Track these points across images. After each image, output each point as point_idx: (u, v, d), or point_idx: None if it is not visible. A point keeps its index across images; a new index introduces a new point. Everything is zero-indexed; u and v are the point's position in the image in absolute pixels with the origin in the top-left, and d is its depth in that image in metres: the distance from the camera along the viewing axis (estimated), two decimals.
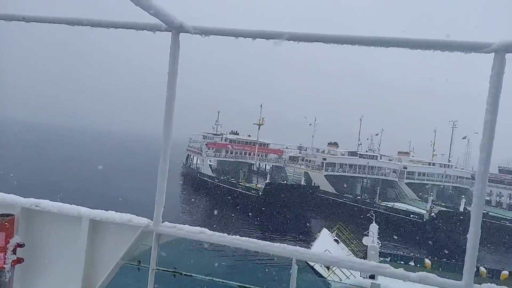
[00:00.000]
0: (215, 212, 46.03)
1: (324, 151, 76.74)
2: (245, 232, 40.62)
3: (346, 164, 65.55)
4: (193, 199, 57.36)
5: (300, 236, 40.97)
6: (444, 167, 72.87)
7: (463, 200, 54.19)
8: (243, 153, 72.38)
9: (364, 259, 23.44)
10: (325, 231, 28.44)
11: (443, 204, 62.90)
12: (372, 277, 20.01)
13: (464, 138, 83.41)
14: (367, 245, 26.75)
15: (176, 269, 2.78)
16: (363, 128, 78.59)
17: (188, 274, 2.80)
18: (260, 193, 53.65)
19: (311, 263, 21.96)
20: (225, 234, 2.62)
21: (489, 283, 2.24)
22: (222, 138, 75.93)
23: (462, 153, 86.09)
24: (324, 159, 64.96)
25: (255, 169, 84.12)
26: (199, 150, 77.48)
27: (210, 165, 69.80)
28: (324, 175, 62.71)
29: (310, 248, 23.96)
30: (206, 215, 47.03)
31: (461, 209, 50.50)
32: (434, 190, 71.50)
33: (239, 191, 56.10)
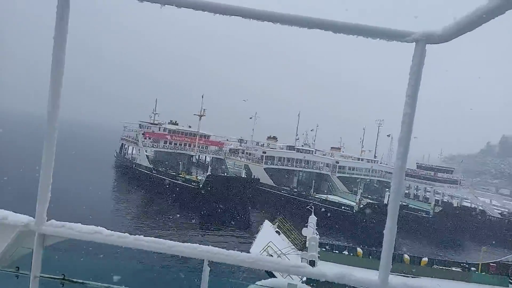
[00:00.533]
0: (153, 205, 44.57)
1: (263, 144, 78.35)
2: (185, 226, 40.06)
3: (284, 158, 67.75)
4: (128, 192, 54.78)
5: (241, 228, 41.59)
6: (371, 162, 79.18)
7: (387, 193, 59.45)
8: (183, 144, 70.77)
9: (302, 249, 24.57)
10: (267, 223, 29.23)
11: (369, 196, 68.30)
12: (311, 266, 21.14)
13: (389, 135, 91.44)
14: (307, 236, 28.27)
15: (65, 276, 2.40)
16: (301, 124, 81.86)
17: (79, 281, 2.42)
18: (201, 185, 53.10)
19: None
20: (126, 234, 2.29)
21: (403, 281, 2.18)
22: (160, 128, 73.35)
23: (387, 149, 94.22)
24: (264, 152, 66.38)
25: (194, 160, 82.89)
26: (135, 140, 73.92)
27: (147, 156, 67.07)
28: (264, 168, 64.12)
29: (254, 240, 24.51)
30: (142, 209, 45.24)
31: (386, 201, 55.44)
32: (362, 183, 77.38)
33: (179, 183, 54.89)
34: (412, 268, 27.08)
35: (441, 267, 28.01)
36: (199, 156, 79.70)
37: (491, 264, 28.23)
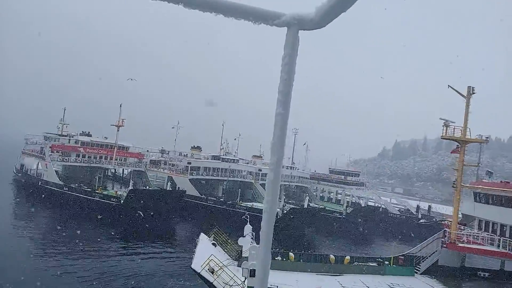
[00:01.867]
0: (66, 227, 40.19)
1: (187, 154, 77.11)
2: (106, 245, 37.33)
3: (209, 168, 67.69)
4: (32, 212, 48.65)
5: (172, 243, 40.39)
6: (290, 169, 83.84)
7: (306, 197, 63.77)
8: (98, 157, 65.63)
9: (238, 259, 25.12)
10: (203, 236, 29.06)
11: (290, 201, 72.11)
12: (252, 275, 21.78)
13: (304, 144, 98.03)
14: (243, 246, 28.90)
15: None
16: (225, 133, 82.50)
17: None
18: (122, 201, 49.99)
19: (197, 269, 22.28)
20: None
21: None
22: (70, 140, 67.02)
23: (302, 156, 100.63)
24: (189, 163, 65.42)
25: (110, 174, 77.43)
26: (40, 154, 66.17)
27: (56, 171, 60.54)
28: (189, 179, 63.14)
29: (193, 255, 24.20)
30: (51, 230, 40.50)
31: (305, 205, 59.38)
32: (282, 189, 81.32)
33: (96, 200, 50.80)
34: (337, 267, 29.71)
35: (360, 263, 31.18)
36: (115, 169, 74.78)
37: (399, 257, 32.37)
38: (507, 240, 26.04)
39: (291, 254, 29.76)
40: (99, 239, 37.70)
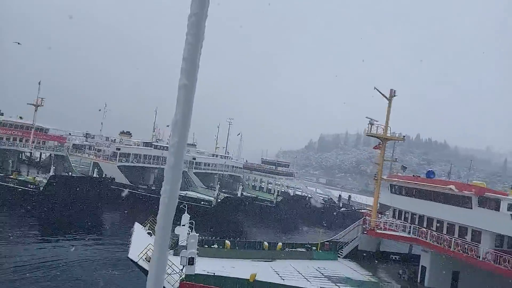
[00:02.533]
0: None
1: (115, 140, 72.91)
2: (23, 233, 34.21)
3: (141, 155, 64.98)
4: None
5: (99, 233, 38.31)
6: (224, 158, 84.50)
7: (240, 186, 65.12)
8: (11, 138, 58.70)
9: (174, 248, 25.06)
10: (137, 225, 28.18)
11: (224, 190, 72.91)
12: (191, 263, 21.94)
13: (238, 134, 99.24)
14: (179, 235, 28.75)
15: None
16: (158, 118, 79.46)
17: None
18: (41, 188, 45.71)
19: (134, 259, 21.72)
20: None
21: None
22: None
23: (237, 146, 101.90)
24: (118, 149, 61.98)
25: (25, 158, 69.96)
26: None
27: None
28: (118, 166, 59.96)
29: (129, 244, 23.45)
30: None
31: (239, 194, 60.66)
32: (216, 178, 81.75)
33: (11, 187, 45.71)
34: (270, 253, 31.30)
35: (291, 249, 33.21)
36: (31, 153, 67.76)
37: (325, 243, 35.19)
38: (416, 227, 29.99)
39: (227, 242, 30.51)
40: (19, 229, 34.26)
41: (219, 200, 55.20)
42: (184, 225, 26.62)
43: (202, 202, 55.73)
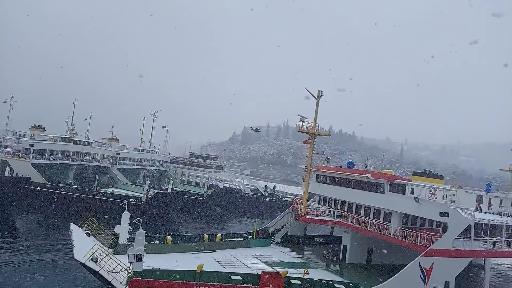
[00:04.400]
0: None
1: (25, 135, 65.80)
2: None
3: (58, 151, 59.82)
4: None
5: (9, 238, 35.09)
6: (151, 152, 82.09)
7: (171, 182, 64.50)
8: None
9: (114, 247, 25.05)
10: (74, 226, 26.85)
11: (151, 186, 71.26)
12: (139, 260, 22.13)
13: (164, 127, 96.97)
14: (120, 233, 28.27)
15: None
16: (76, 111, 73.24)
17: None
18: None
19: (81, 260, 21.12)
20: None
21: None
22: None
23: (163, 139, 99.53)
24: (32, 144, 56.15)
25: None
26: None
27: None
28: (32, 164, 54.49)
29: (72, 246, 22.54)
30: None
31: (169, 189, 60.15)
32: (142, 173, 79.17)
33: None
34: (210, 245, 32.56)
35: (229, 239, 34.91)
36: None
37: (259, 231, 37.69)
38: (339, 211, 34.13)
39: (168, 237, 30.91)
40: None
41: (150, 196, 54.16)
42: (123, 223, 26.31)
43: (131, 199, 54.03)
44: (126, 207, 27.66)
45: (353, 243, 33.08)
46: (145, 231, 23.52)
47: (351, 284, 24.77)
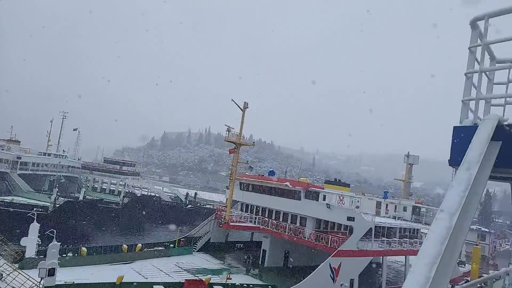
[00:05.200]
0: None
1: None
2: None
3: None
4: None
5: None
6: (59, 157, 74.85)
7: (83, 189, 59.82)
8: None
9: (20, 261, 23.20)
10: None
11: (59, 194, 65.05)
12: (51, 274, 20.56)
13: (76, 129, 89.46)
14: (26, 246, 25.70)
15: None
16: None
17: None
18: None
19: None
20: None
21: None
22: None
23: (73, 143, 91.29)
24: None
25: None
26: None
27: None
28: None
29: None
30: None
31: (81, 197, 55.79)
32: (47, 180, 71.72)
33: None
34: (130, 255, 31.38)
35: (150, 249, 34.07)
36: None
37: (181, 239, 37.51)
38: (260, 217, 35.91)
39: (83, 248, 29.06)
40: None
41: (58, 205, 49.55)
42: (30, 236, 24.08)
43: (34, 209, 48.72)
44: (35, 217, 25.32)
45: (272, 247, 35.06)
46: (59, 243, 21.95)
47: (269, 286, 26.42)
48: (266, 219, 35.45)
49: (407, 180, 53.81)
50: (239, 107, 33.56)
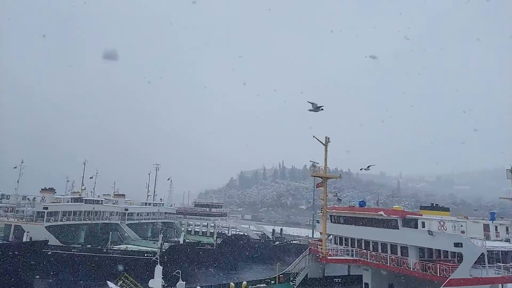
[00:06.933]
0: None
1: (34, 198, 66.85)
2: None
3: (70, 212, 60.70)
4: None
5: None
6: (158, 205, 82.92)
7: (182, 233, 65.08)
8: None
9: None
10: (110, 284, 27.90)
11: (155, 239, 71.26)
12: None
13: (169, 179, 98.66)
14: (153, 287, 29.22)
15: None
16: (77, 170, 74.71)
17: None
18: None
19: None
20: None
21: None
22: None
23: (167, 191, 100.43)
24: (46, 207, 57.14)
25: None
26: None
27: None
28: (46, 227, 55.15)
29: None
30: None
31: (181, 241, 60.73)
32: (149, 227, 79.45)
33: None
34: None
35: (253, 286, 35.77)
36: None
37: (280, 275, 38.61)
38: (357, 249, 35.59)
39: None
40: None
41: (164, 250, 54.62)
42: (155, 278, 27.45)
43: (145, 254, 54.43)
44: (158, 261, 28.88)
45: (374, 280, 34.18)
46: (184, 282, 24.75)
47: None
48: (364, 250, 34.99)
49: None
50: (320, 141, 34.90)
